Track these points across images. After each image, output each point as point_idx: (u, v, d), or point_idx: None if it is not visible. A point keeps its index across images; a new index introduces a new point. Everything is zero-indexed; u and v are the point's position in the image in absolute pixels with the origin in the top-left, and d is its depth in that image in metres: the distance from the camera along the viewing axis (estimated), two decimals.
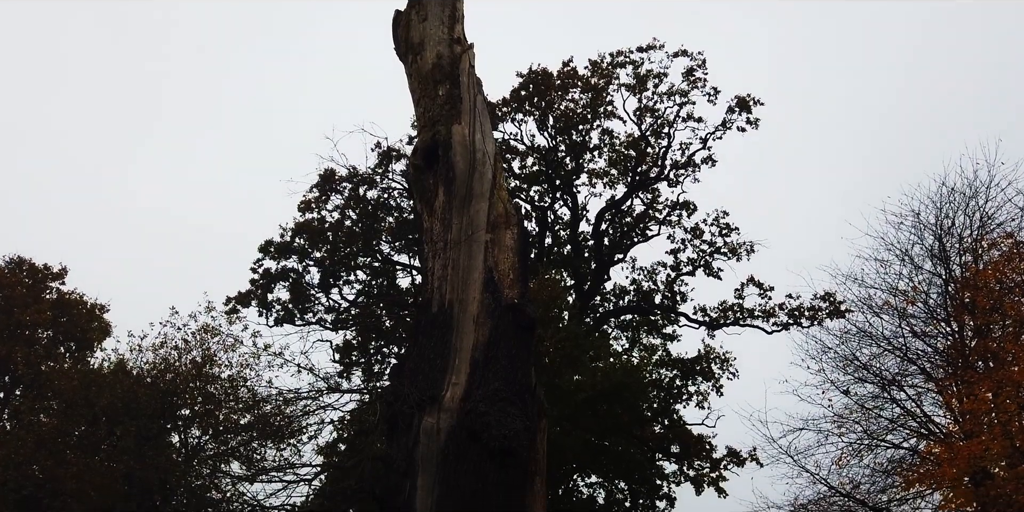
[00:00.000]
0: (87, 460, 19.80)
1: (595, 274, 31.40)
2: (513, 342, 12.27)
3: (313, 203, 28.12)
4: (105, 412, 21.44)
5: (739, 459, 28.22)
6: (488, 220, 13.51)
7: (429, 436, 11.30)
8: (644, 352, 28.73)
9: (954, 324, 20.55)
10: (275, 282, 27.81)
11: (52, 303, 26.51)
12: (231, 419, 22.09)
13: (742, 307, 29.93)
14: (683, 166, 30.70)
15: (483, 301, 12.59)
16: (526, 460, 11.59)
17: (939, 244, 21.38)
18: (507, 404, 11.48)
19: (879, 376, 21.55)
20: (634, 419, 24.73)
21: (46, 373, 24.18)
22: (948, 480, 17.00)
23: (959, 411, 18.62)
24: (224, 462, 21.46)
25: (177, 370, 23.22)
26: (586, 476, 25.49)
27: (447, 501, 10.63)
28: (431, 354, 12.29)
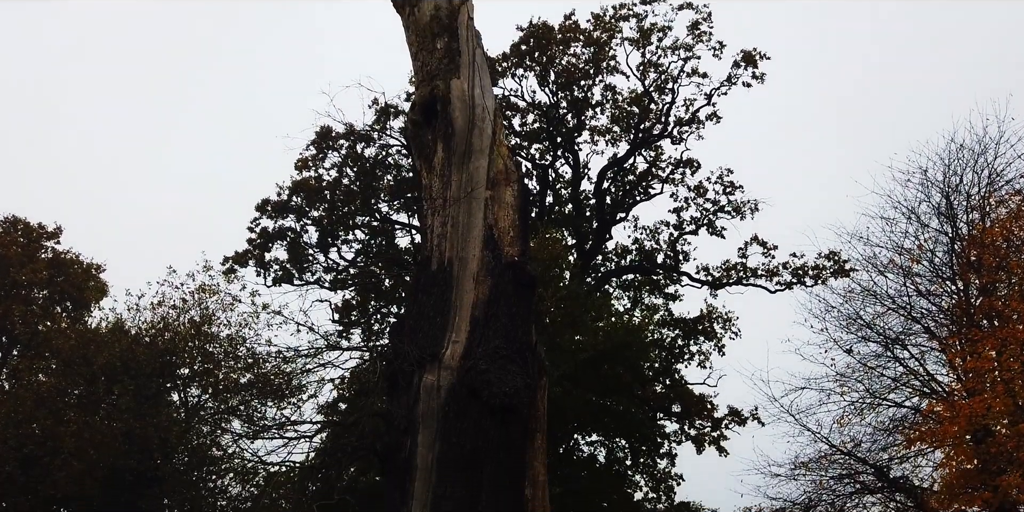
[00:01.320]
0: (86, 419, 20.06)
1: (597, 233, 31.39)
2: (513, 300, 12.36)
3: (310, 161, 28.00)
4: (103, 371, 21.65)
5: (740, 418, 28.56)
6: (488, 177, 13.49)
7: (429, 393, 11.45)
8: (646, 312, 28.85)
9: (959, 283, 20.58)
10: (272, 241, 27.82)
11: (48, 263, 26.57)
12: (231, 378, 22.31)
13: (745, 266, 29.98)
14: (687, 123, 30.46)
15: (483, 259, 12.65)
16: (527, 417, 11.76)
17: (946, 202, 21.32)
18: (507, 362, 11.60)
19: (882, 335, 21.66)
20: (635, 379, 24.95)
21: (43, 332, 24.35)
22: (949, 438, 17.19)
23: (962, 369, 18.76)
24: (224, 421, 21.73)
25: (175, 329, 23.37)
26: (587, 435, 25.82)
27: (448, 457, 10.80)
28: (431, 312, 12.39)
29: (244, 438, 16.67)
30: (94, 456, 19.11)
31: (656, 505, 26.67)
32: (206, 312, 24.29)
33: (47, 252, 27.42)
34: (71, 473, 18.77)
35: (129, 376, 21.83)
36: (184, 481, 20.97)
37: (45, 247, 27.36)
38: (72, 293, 27.35)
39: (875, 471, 21.77)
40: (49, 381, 21.63)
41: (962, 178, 21.30)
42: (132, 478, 20.73)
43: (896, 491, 22.17)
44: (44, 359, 23.56)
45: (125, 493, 20.71)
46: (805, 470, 22.57)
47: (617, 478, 24.87)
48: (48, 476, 19.01)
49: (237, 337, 23.73)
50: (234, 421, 20.44)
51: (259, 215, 27.84)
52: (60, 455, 19.04)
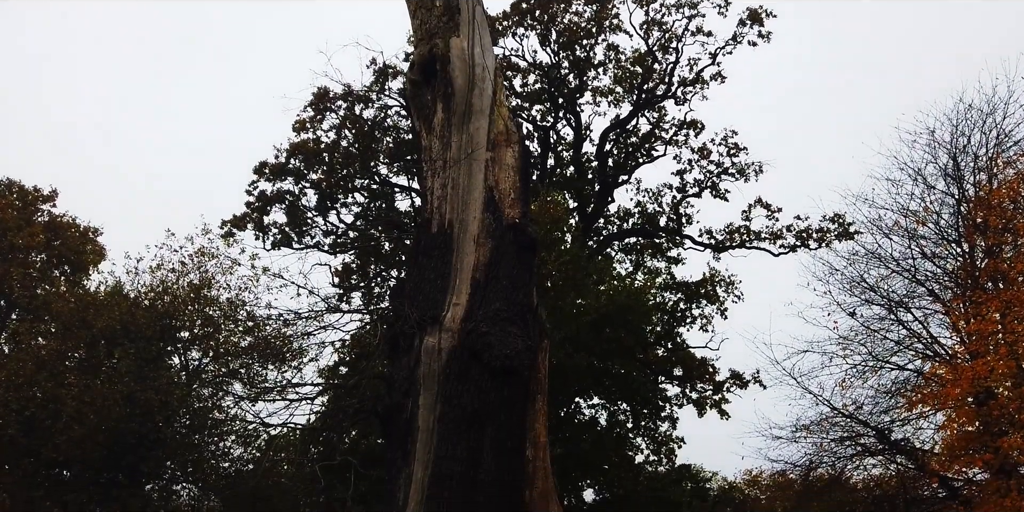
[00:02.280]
0: (87, 382, 20.24)
1: (599, 196, 31.32)
2: (514, 262, 12.39)
3: (308, 123, 27.80)
4: (103, 334, 21.79)
5: (742, 381, 28.77)
6: (488, 138, 13.43)
7: (430, 356, 11.53)
8: (648, 275, 28.89)
9: (965, 245, 20.60)
10: (271, 205, 27.74)
11: (44, 226, 26.59)
12: (231, 341, 22.45)
13: (749, 229, 29.98)
14: (691, 83, 30.19)
15: (484, 221, 12.64)
16: (527, 379, 11.86)
17: (953, 163, 21.24)
18: (508, 324, 11.66)
19: (886, 298, 21.75)
20: (637, 342, 25.07)
21: (42, 296, 24.45)
22: (951, 400, 17.35)
23: (966, 332, 18.86)
24: (226, 384, 21.93)
25: (175, 293, 23.45)
26: (588, 398, 26.03)
27: (449, 419, 10.92)
28: (431, 274, 12.42)
29: (246, 400, 16.83)
30: (96, 419, 19.31)
31: (657, 468, 27.01)
32: (205, 276, 24.36)
33: (43, 215, 27.42)
34: (73, 436, 18.99)
35: (129, 339, 21.97)
36: (186, 444, 21.22)
37: (41, 210, 27.35)
38: (70, 257, 27.41)
39: (876, 433, 22.03)
40: (49, 344, 21.78)
41: (970, 139, 21.22)
42: (134, 441, 20.97)
43: (897, 453, 22.47)
44: (43, 323, 23.68)
45: (127, 456, 20.98)
46: (806, 433, 22.87)
47: (618, 441, 25.12)
48: (50, 439, 19.24)
49: (237, 300, 23.83)
50: (235, 384, 20.63)
51: (257, 178, 27.75)
52: (62, 418, 19.25)
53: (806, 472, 24.47)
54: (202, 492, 22.71)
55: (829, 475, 24.86)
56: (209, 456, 22.06)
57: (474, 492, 10.51)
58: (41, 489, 19.83)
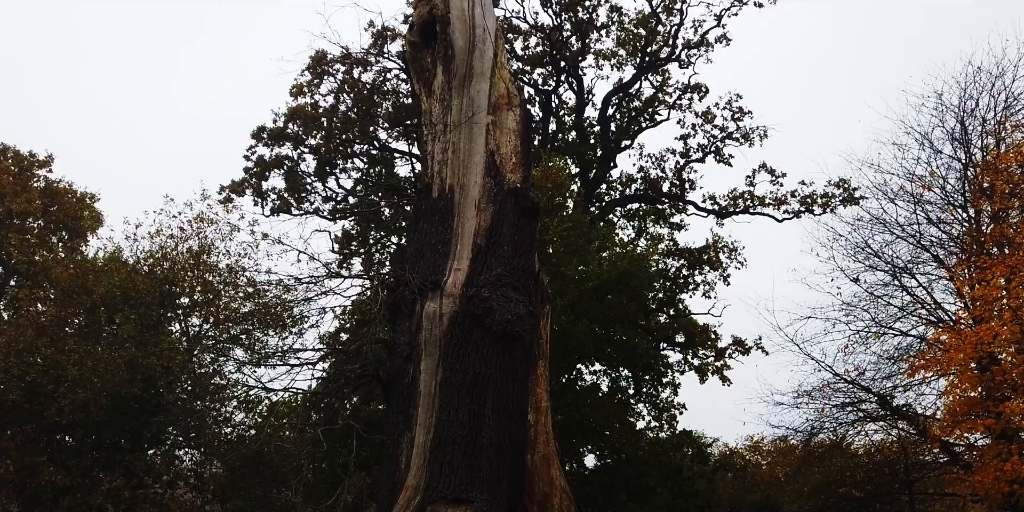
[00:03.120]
0: (88, 348, 20.38)
1: (601, 161, 31.21)
2: (516, 227, 12.40)
3: (305, 87, 27.61)
4: (103, 301, 21.88)
5: (744, 348, 28.94)
6: (489, 101, 13.35)
7: (432, 321, 11.59)
8: (650, 241, 28.91)
9: (971, 210, 20.58)
10: (269, 170, 27.66)
11: (41, 192, 26.55)
12: (231, 308, 22.55)
13: (752, 194, 29.91)
14: (695, 46, 29.90)
15: (485, 185, 12.62)
16: (529, 344, 11.94)
17: (960, 126, 21.13)
18: (510, 289, 11.71)
19: (890, 264, 21.80)
20: (639, 309, 25.16)
21: (41, 262, 24.50)
22: (954, 366, 17.45)
23: (970, 298, 18.90)
24: (227, 351, 22.07)
25: (174, 259, 23.48)
26: (590, 364, 26.20)
27: (451, 384, 11.01)
28: (432, 240, 12.44)
29: (247, 365, 16.94)
30: (98, 384, 19.48)
31: (658, 434, 27.27)
32: (205, 242, 24.38)
33: (39, 181, 27.38)
34: (75, 401, 19.17)
35: (129, 306, 22.07)
36: (187, 409, 21.43)
37: (37, 176, 27.29)
38: (67, 223, 27.42)
39: (878, 399, 22.22)
40: (49, 311, 21.89)
41: (978, 102, 21.08)
42: (136, 406, 21.17)
43: (899, 419, 22.68)
44: (42, 289, 23.78)
45: (130, 421, 21.20)
46: (808, 398, 23.06)
47: (619, 407, 25.34)
48: (53, 404, 19.43)
49: (236, 267, 23.88)
50: (236, 350, 20.78)
51: (255, 143, 27.65)
52: (64, 383, 19.42)
53: (807, 438, 24.73)
54: (204, 457, 22.98)
55: (830, 441, 25.13)
56: (211, 422, 22.28)
57: (476, 455, 10.64)
58: (44, 454, 20.07)
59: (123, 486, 20.22)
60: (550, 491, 11.43)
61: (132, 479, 20.86)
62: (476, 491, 10.44)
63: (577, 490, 13.56)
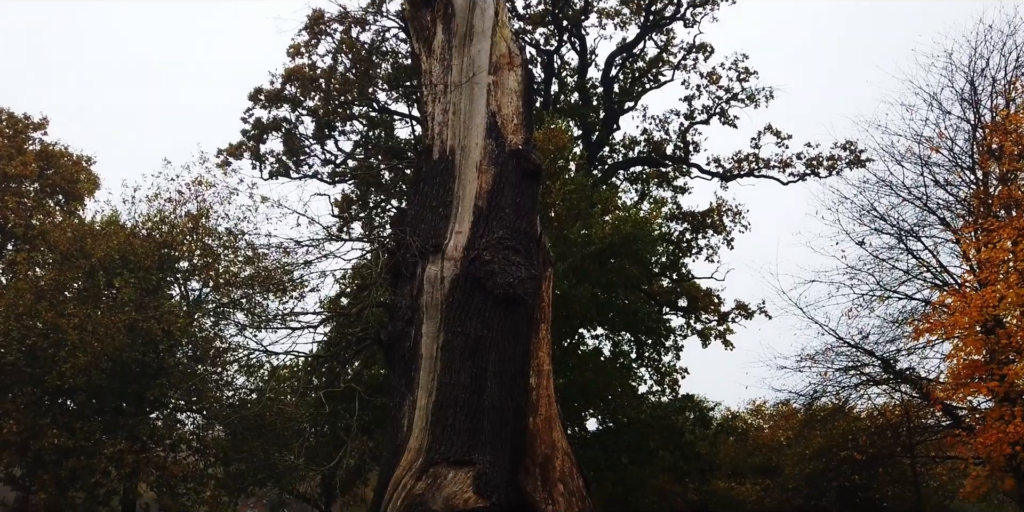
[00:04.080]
0: (88, 311, 20.47)
1: (604, 123, 31.03)
2: (517, 190, 12.35)
3: (303, 48, 27.34)
4: (102, 264, 21.91)
5: (747, 312, 29.06)
6: (490, 60, 13.22)
7: (433, 284, 11.62)
8: (653, 205, 28.85)
9: (979, 172, 20.50)
10: (267, 132, 27.53)
11: (36, 155, 26.44)
12: (231, 272, 22.60)
13: (757, 157, 29.80)
14: (701, 4, 29.54)
15: (486, 147, 12.55)
16: (531, 307, 11.97)
17: (970, 87, 20.96)
18: (512, 252, 11.70)
19: (896, 227, 21.77)
20: (642, 273, 25.20)
21: (38, 226, 24.50)
22: (959, 329, 17.52)
23: (976, 260, 18.92)
24: (227, 315, 22.18)
25: (173, 222, 23.48)
26: (592, 328, 26.31)
27: (452, 347, 11.06)
28: (433, 202, 12.40)
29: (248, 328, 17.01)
30: (99, 348, 19.60)
31: (660, 398, 27.49)
32: (203, 205, 24.35)
33: (34, 144, 27.25)
34: (76, 365, 19.31)
35: (128, 269, 22.11)
36: (189, 373, 21.60)
37: (32, 139, 27.16)
38: (64, 186, 27.35)
39: (881, 363, 22.34)
40: (48, 274, 21.94)
41: (988, 61, 20.89)
42: (138, 370, 21.32)
43: (902, 382, 22.82)
44: (40, 253, 23.81)
45: (132, 384, 21.37)
46: (811, 362, 23.21)
47: (621, 371, 25.51)
48: (54, 367, 19.57)
49: (236, 230, 23.89)
50: (237, 313, 20.89)
51: (252, 105, 27.45)
52: (64, 347, 19.54)
53: (810, 401, 24.93)
54: (206, 421, 23.22)
55: (833, 404, 25.34)
56: (213, 386, 22.47)
57: (478, 418, 10.73)
58: (48, 416, 20.27)
59: (126, 449, 20.46)
60: (552, 453, 11.54)
61: (135, 443, 21.10)
62: (478, 453, 10.56)
63: (579, 453, 13.70)
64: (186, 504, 22.57)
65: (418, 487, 10.42)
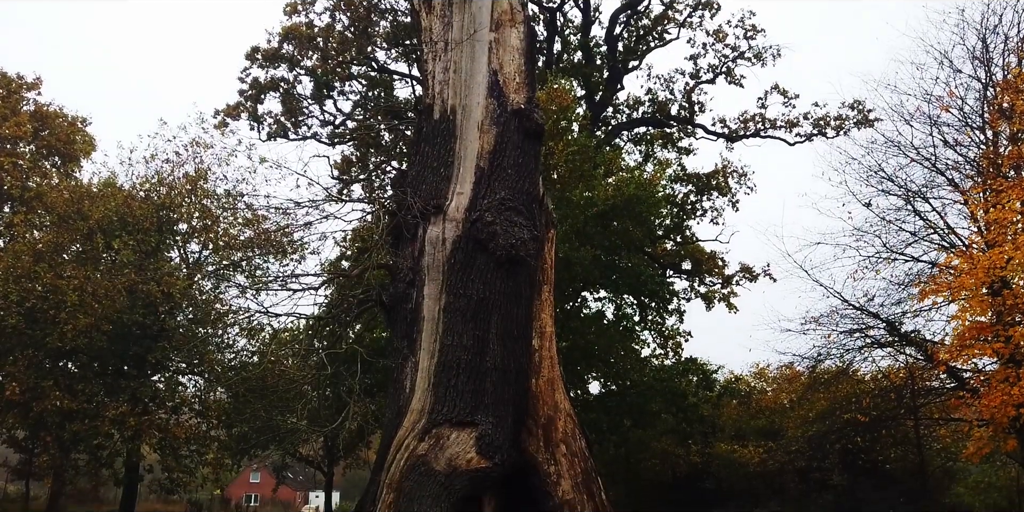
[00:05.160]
0: (87, 273, 20.52)
1: (608, 83, 30.79)
2: (519, 150, 12.29)
3: (300, 5, 27.09)
4: (100, 226, 21.93)
5: (752, 275, 29.13)
6: (491, 17, 13.07)
7: (434, 246, 11.64)
8: (658, 166, 28.77)
9: (989, 131, 20.35)
10: (265, 92, 27.39)
11: (31, 115, 26.29)
12: (230, 234, 22.62)
13: (764, 117, 29.63)
14: None
15: (487, 106, 12.46)
16: (534, 269, 11.99)
17: (982, 44, 20.71)
18: (514, 213, 11.68)
19: (904, 188, 21.67)
20: (645, 235, 25.20)
21: (34, 188, 24.47)
22: (965, 290, 17.54)
23: (984, 221, 18.88)
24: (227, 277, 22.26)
25: (171, 184, 23.43)
26: (595, 292, 26.38)
27: (454, 309, 11.11)
28: (434, 163, 12.36)
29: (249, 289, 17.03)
30: (99, 310, 19.69)
31: (663, 361, 27.65)
32: (201, 166, 24.29)
33: (29, 104, 27.09)
34: (77, 327, 19.42)
35: (127, 231, 22.14)
36: (190, 335, 21.73)
37: (26, 99, 26.99)
38: (59, 147, 27.25)
39: (886, 325, 22.40)
40: (45, 237, 21.97)
41: (1001, 18, 20.61)
42: (139, 332, 21.45)
43: (906, 345, 22.91)
44: (37, 215, 23.82)
45: (133, 347, 21.52)
46: (815, 325, 23.26)
47: (624, 334, 25.62)
48: (55, 329, 19.69)
49: (235, 192, 23.86)
50: (237, 276, 20.96)
51: (249, 64, 27.27)
52: (64, 309, 19.63)
53: (814, 364, 25.05)
54: (208, 383, 23.43)
55: (837, 367, 25.48)
56: (214, 349, 22.62)
57: (481, 380, 10.83)
58: (50, 379, 20.45)
59: (128, 412, 20.67)
60: (554, 415, 11.65)
61: (137, 405, 21.32)
62: (481, 414, 10.67)
63: (581, 416, 13.84)
64: (189, 466, 22.86)
65: (421, 448, 10.55)
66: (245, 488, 75.05)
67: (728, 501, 33.33)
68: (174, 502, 38.52)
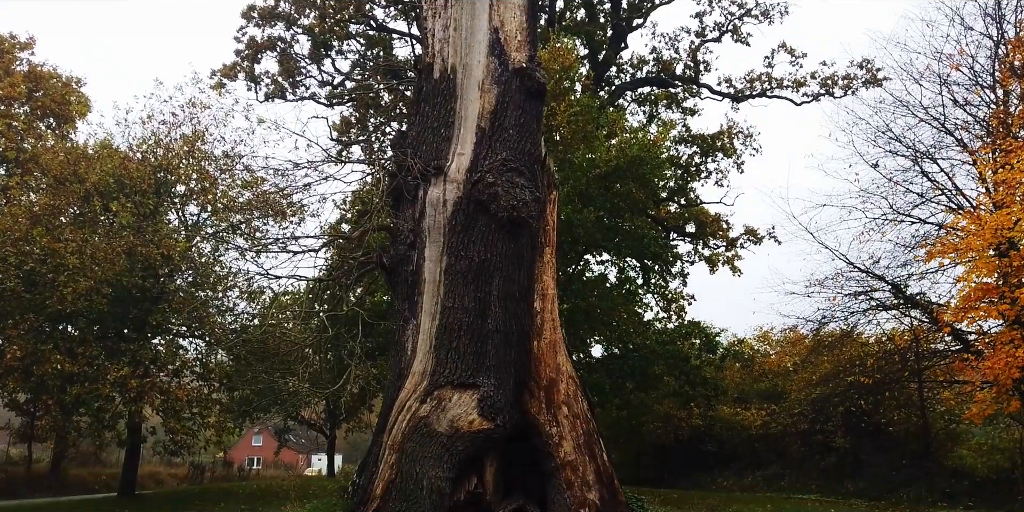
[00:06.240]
0: (85, 236, 20.53)
1: (611, 42, 30.50)
2: (521, 110, 12.19)
3: None
4: (97, 189, 21.90)
5: (756, 237, 29.15)
6: None
7: (435, 207, 11.63)
8: (662, 127, 28.63)
9: (999, 90, 20.21)
10: (262, 52, 27.19)
11: (24, 76, 26.10)
12: (229, 196, 22.58)
13: (770, 76, 29.40)
14: None
15: (488, 65, 12.35)
16: (535, 230, 11.99)
17: (994, 1, 20.50)
18: (515, 174, 11.63)
19: (912, 148, 21.60)
20: (649, 197, 25.13)
21: (30, 150, 24.37)
22: (972, 251, 17.56)
23: (992, 182, 18.83)
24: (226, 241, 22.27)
25: (168, 145, 23.34)
26: (597, 255, 26.42)
27: (455, 270, 11.12)
28: (434, 123, 12.28)
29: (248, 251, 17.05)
30: (98, 273, 19.73)
31: (666, 325, 27.79)
32: (198, 128, 24.17)
33: (22, 64, 26.88)
34: (76, 290, 19.48)
35: (124, 194, 22.12)
36: (190, 298, 21.81)
37: (19, 59, 26.78)
38: (54, 109, 27.10)
39: (892, 288, 22.48)
40: (42, 199, 21.94)
41: None
42: (139, 295, 21.53)
43: (911, 307, 23.01)
44: (34, 177, 23.77)
45: (133, 309, 21.62)
46: (820, 288, 23.35)
47: (627, 297, 25.71)
48: (54, 292, 19.75)
49: (233, 154, 23.76)
50: (237, 238, 20.96)
51: (246, 23, 27.03)
52: (63, 272, 19.68)
53: (818, 327, 25.18)
54: (209, 347, 23.57)
55: (841, 330, 25.61)
56: (214, 312, 22.71)
57: (483, 342, 10.88)
58: (50, 342, 20.57)
59: (130, 374, 20.83)
60: (556, 377, 11.74)
61: (139, 367, 21.48)
62: (482, 376, 10.76)
63: (584, 379, 13.96)
64: (192, 428, 23.11)
65: (423, 409, 10.66)
66: (248, 451, 76.02)
67: (730, 464, 33.71)
68: (177, 465, 39.04)
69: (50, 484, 30.88)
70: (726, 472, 33.36)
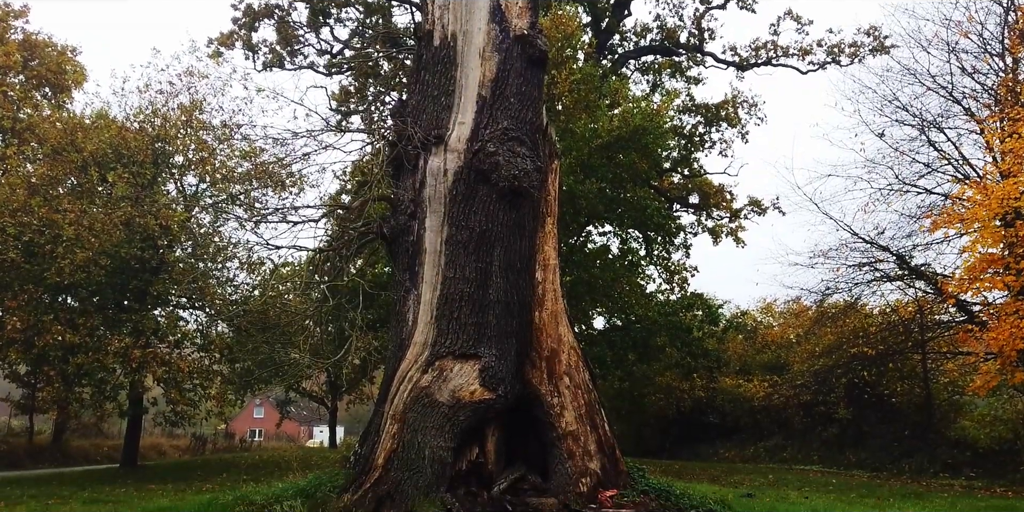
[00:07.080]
0: (83, 207, 20.51)
1: (614, 9, 30.24)
2: (522, 78, 12.13)
3: None
4: (94, 159, 21.85)
5: (760, 208, 29.11)
6: None
7: (436, 177, 11.62)
8: (665, 96, 28.47)
9: (1008, 58, 20.09)
10: (259, 20, 27.00)
11: (19, 45, 25.93)
12: (227, 166, 22.52)
13: (776, 44, 29.19)
14: None
15: (489, 32, 12.27)
16: (537, 200, 11.98)
17: None
18: (516, 144, 11.61)
19: (919, 117, 21.52)
20: (652, 168, 25.08)
21: (26, 120, 24.26)
22: (977, 221, 17.54)
23: (1000, 151, 18.78)
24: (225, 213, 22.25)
25: (165, 115, 23.24)
26: (599, 226, 26.43)
27: (456, 241, 11.14)
28: (435, 92, 12.23)
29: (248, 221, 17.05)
30: (96, 244, 19.74)
31: (669, 296, 27.86)
32: (196, 97, 24.05)
33: (16, 33, 26.68)
34: (75, 261, 19.50)
35: (122, 164, 22.07)
36: (189, 269, 21.83)
37: (14, 27, 26.57)
38: (50, 78, 26.95)
39: (896, 259, 22.50)
40: (39, 169, 21.89)
41: None
42: (138, 266, 21.56)
43: (916, 278, 23.04)
44: (31, 148, 23.69)
45: (133, 280, 21.68)
46: (824, 259, 23.38)
47: (629, 268, 25.76)
48: (53, 263, 19.78)
49: (231, 124, 23.65)
50: (236, 209, 20.94)
51: None
52: (62, 243, 19.68)
53: (821, 298, 25.26)
54: (209, 318, 23.66)
55: (845, 301, 25.68)
56: (215, 283, 22.76)
57: (484, 312, 10.92)
58: (50, 313, 20.63)
59: (131, 345, 20.93)
60: (558, 347, 11.80)
61: (140, 338, 21.58)
62: (484, 347, 10.81)
63: (586, 350, 14.01)
64: (193, 398, 23.26)
65: (424, 380, 10.73)
66: (249, 423, 76.67)
67: (732, 435, 33.99)
68: (179, 437, 39.38)
69: (52, 455, 31.19)
70: (728, 443, 33.64)
